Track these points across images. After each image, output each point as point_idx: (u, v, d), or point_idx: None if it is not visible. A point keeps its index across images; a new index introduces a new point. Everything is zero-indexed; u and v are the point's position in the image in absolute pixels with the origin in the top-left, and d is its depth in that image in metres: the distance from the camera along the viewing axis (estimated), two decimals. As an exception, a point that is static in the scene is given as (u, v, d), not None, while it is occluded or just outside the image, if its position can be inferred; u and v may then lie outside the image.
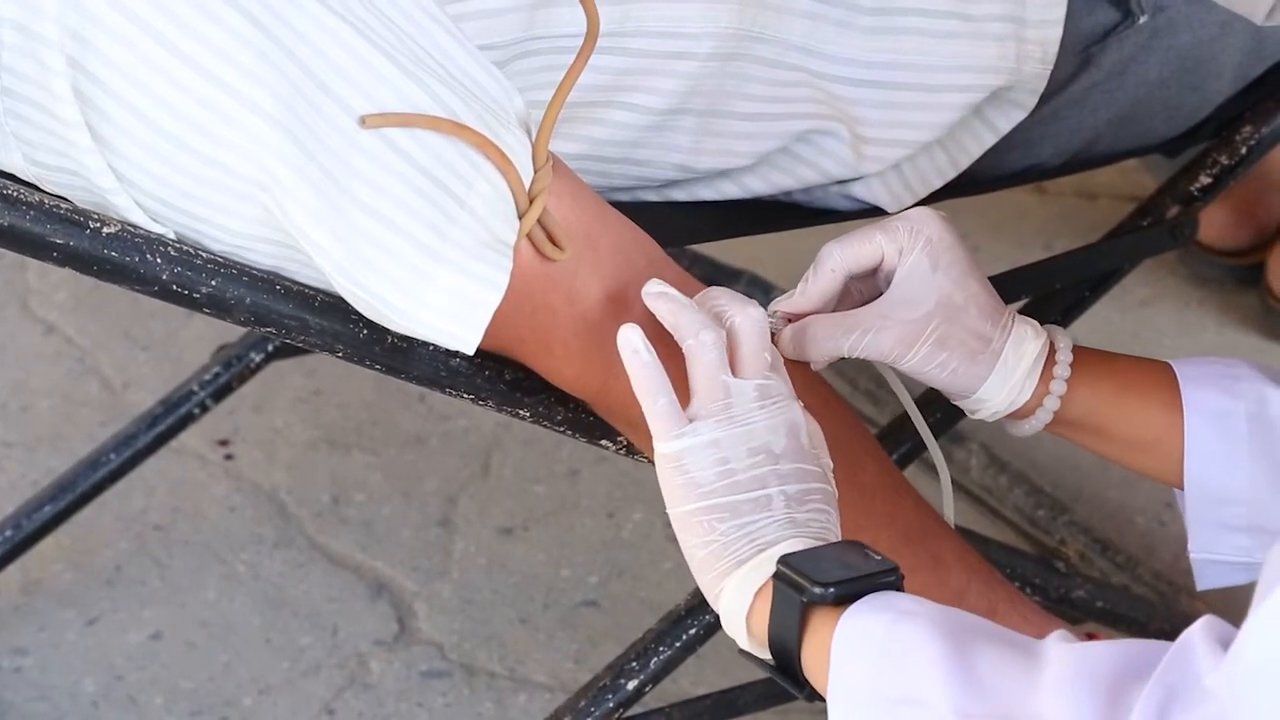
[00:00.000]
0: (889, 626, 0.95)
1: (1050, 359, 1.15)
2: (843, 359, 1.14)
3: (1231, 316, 1.94)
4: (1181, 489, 1.16)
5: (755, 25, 1.24)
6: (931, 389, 1.24)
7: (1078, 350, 1.16)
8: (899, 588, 0.98)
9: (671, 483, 1.03)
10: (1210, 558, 1.17)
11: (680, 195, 1.30)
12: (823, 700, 0.97)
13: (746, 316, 1.06)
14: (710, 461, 1.02)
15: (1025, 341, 1.14)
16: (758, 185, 1.30)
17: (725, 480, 1.02)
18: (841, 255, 1.13)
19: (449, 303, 1.07)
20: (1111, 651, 0.91)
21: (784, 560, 0.99)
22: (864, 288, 1.15)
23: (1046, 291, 1.39)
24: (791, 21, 1.24)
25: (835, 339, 1.12)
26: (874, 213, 1.32)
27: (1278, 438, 1.14)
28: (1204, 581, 1.18)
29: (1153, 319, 1.94)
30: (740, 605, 1.01)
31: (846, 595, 0.97)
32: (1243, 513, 1.14)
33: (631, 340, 1.04)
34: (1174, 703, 0.87)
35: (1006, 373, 1.14)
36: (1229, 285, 1.96)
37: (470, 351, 1.09)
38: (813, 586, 0.97)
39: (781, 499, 1.02)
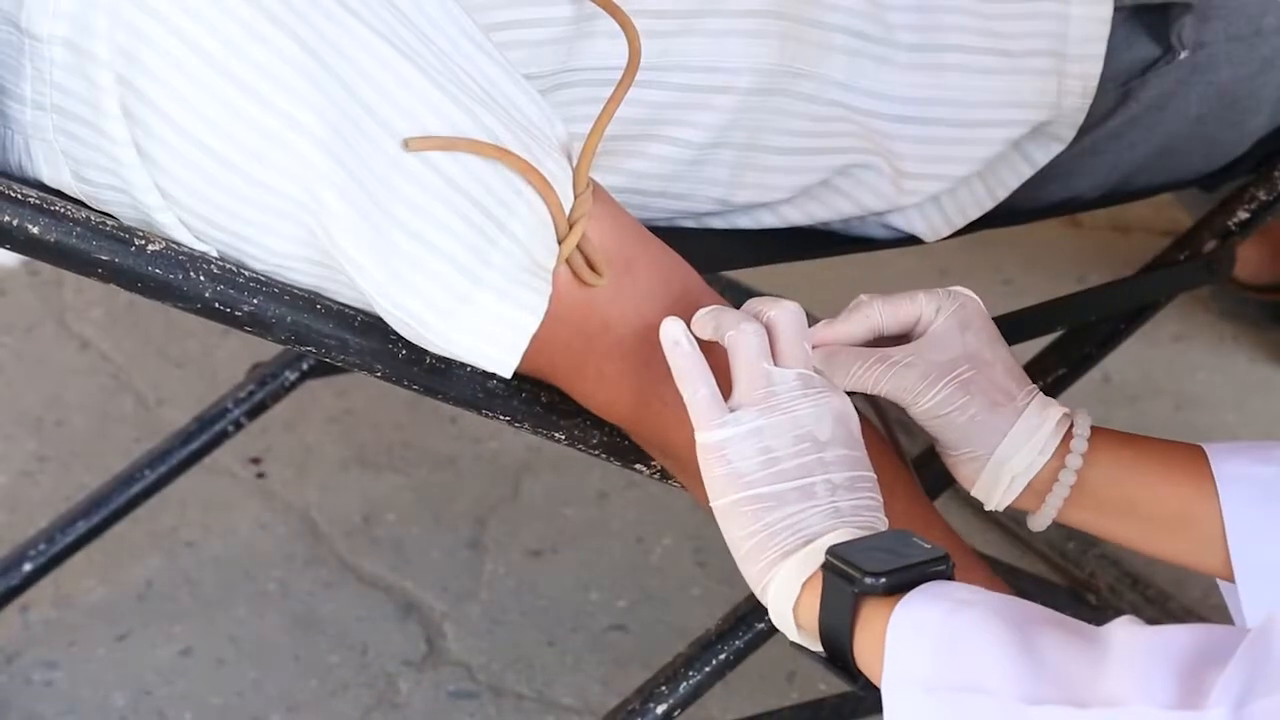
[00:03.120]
0: (946, 616, 0.93)
1: (1069, 431, 1.12)
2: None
3: (1264, 352, 1.94)
4: (1223, 577, 1.10)
5: (795, 61, 1.24)
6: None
7: (1096, 427, 1.12)
8: (950, 576, 0.97)
9: (714, 473, 1.03)
10: None
11: (718, 224, 1.30)
12: (877, 691, 0.95)
13: (783, 310, 1.06)
14: (753, 450, 1.02)
15: (1049, 407, 1.11)
16: (796, 216, 1.30)
17: (769, 469, 1.02)
18: (881, 307, 1.11)
19: (487, 326, 1.08)
20: (1187, 635, 0.88)
21: (832, 550, 0.98)
22: (894, 344, 1.14)
23: (1081, 324, 1.39)
24: (831, 57, 1.25)
25: (861, 368, 1.10)
26: (910, 241, 1.32)
27: None
28: None
29: (1186, 354, 1.94)
30: (788, 597, 1.00)
31: (898, 585, 0.96)
32: None
33: (672, 332, 1.05)
34: (1257, 684, 0.84)
35: (1029, 429, 1.10)
36: (1263, 322, 1.96)
37: (507, 375, 1.10)
38: (864, 577, 0.96)
39: (826, 487, 1.02)
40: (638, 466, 1.18)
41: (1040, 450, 1.11)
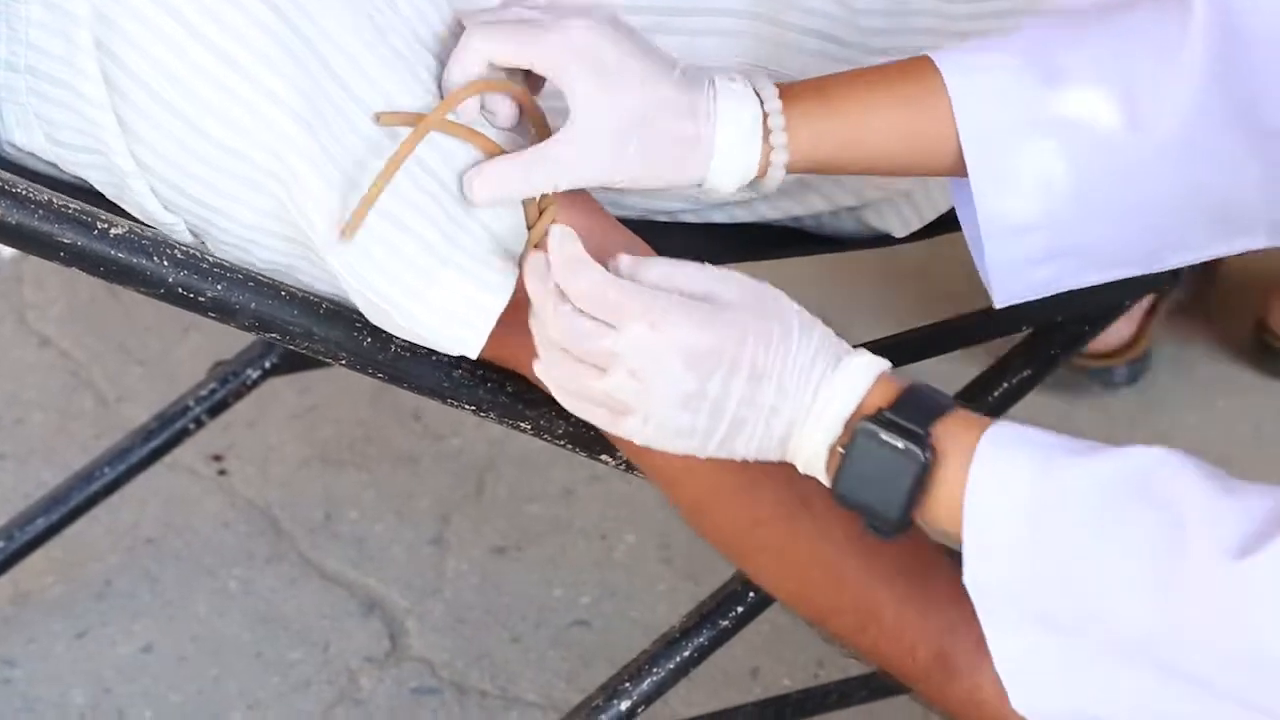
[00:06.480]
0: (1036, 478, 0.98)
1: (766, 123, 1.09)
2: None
3: (1226, 353, 1.95)
4: (954, 173, 1.10)
5: (770, 62, 1.24)
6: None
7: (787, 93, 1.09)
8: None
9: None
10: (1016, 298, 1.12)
11: (692, 219, 1.30)
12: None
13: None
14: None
15: (733, 123, 1.08)
16: (769, 212, 1.30)
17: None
18: (483, 36, 1.05)
19: (453, 305, 1.08)
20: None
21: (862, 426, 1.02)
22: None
23: (1047, 324, 1.39)
24: (803, 61, 1.25)
25: (521, 174, 1.05)
26: (883, 241, 1.32)
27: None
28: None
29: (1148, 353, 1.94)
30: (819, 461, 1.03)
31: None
32: (1041, 240, 1.09)
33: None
34: None
35: (723, 161, 1.08)
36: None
37: (473, 355, 1.10)
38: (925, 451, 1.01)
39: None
40: (603, 457, 1.18)
41: (744, 172, 1.09)
